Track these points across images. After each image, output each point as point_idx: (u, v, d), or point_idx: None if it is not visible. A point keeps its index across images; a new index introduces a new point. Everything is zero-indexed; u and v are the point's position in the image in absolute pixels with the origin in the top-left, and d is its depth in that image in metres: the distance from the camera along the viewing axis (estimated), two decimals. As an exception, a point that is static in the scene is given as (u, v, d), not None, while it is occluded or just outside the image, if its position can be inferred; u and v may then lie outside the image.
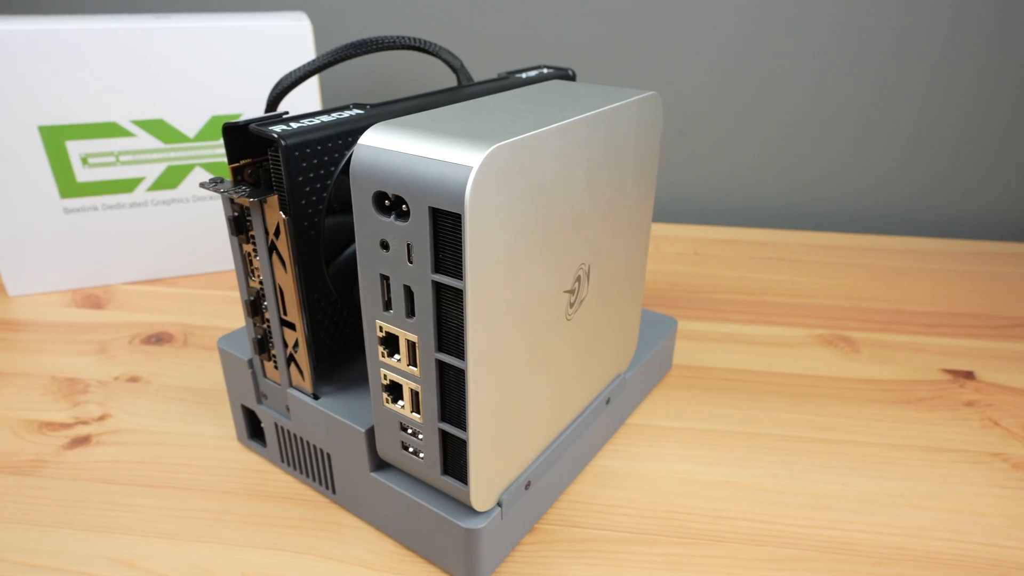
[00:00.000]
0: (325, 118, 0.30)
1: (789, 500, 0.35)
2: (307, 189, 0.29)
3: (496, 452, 0.28)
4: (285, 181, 0.28)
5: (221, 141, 0.52)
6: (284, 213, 0.28)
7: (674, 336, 0.44)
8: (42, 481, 0.35)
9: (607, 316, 0.34)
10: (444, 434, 0.27)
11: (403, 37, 0.36)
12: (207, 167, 0.52)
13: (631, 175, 0.32)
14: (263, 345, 0.32)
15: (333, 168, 0.30)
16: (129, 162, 0.51)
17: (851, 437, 0.39)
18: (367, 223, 0.24)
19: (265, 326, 0.32)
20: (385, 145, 0.24)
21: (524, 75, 0.41)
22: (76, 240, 0.52)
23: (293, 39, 0.51)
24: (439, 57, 0.38)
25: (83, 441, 0.38)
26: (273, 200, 0.28)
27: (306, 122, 0.29)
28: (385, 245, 0.24)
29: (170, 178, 0.52)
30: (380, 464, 0.31)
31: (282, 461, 0.35)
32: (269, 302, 0.31)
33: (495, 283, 0.24)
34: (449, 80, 0.67)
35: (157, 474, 0.36)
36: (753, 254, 0.61)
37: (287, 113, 0.30)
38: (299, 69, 0.33)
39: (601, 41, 0.63)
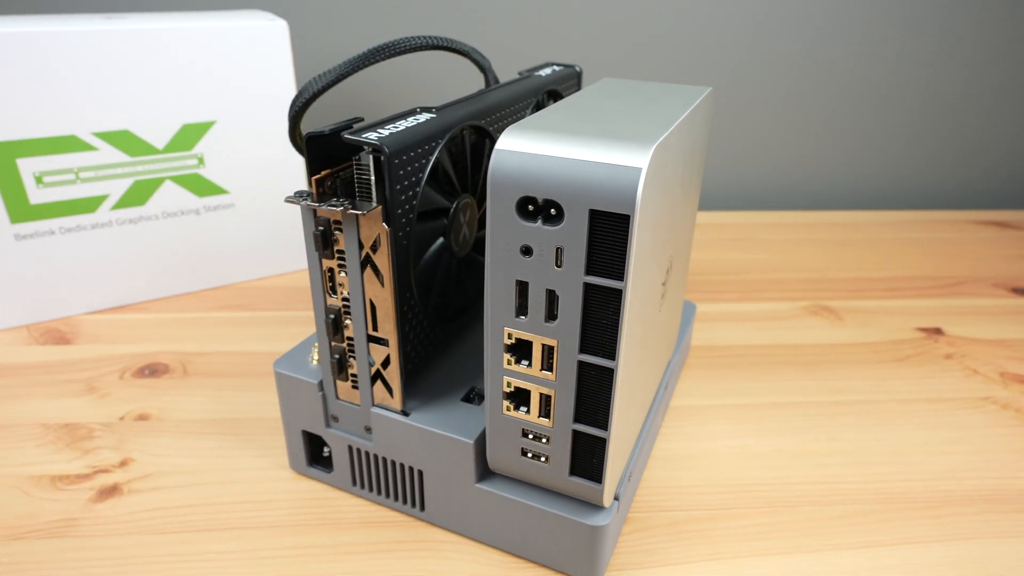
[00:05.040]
0: (405, 123, 0.29)
1: (837, 460, 0.38)
2: (402, 198, 0.28)
3: (619, 447, 0.28)
4: (387, 191, 0.27)
5: (193, 151, 0.48)
6: (387, 224, 0.27)
7: (693, 319, 0.46)
8: (82, 541, 0.31)
9: (672, 305, 0.35)
10: (576, 435, 0.27)
11: (433, 37, 0.35)
12: (178, 180, 0.48)
13: (696, 167, 0.33)
14: (342, 365, 0.31)
15: (421, 175, 0.29)
16: (91, 179, 0.46)
17: (865, 397, 0.43)
18: (507, 229, 0.24)
19: (344, 345, 0.30)
20: (529, 149, 0.23)
21: (541, 73, 0.41)
22: (30, 269, 0.46)
23: (268, 41, 0.48)
24: (469, 57, 0.38)
25: (112, 491, 0.34)
26: (375, 212, 0.27)
27: (391, 128, 0.28)
28: (527, 251, 0.24)
29: (137, 194, 0.47)
30: (484, 474, 0.30)
31: (354, 485, 0.34)
32: (355, 319, 0.29)
33: (639, 281, 0.25)
34: (420, 82, 0.65)
35: (215, 516, 0.33)
36: (720, 236, 0.64)
37: (360, 119, 0.29)
38: (325, 75, 0.30)
39: (569, 37, 0.64)
